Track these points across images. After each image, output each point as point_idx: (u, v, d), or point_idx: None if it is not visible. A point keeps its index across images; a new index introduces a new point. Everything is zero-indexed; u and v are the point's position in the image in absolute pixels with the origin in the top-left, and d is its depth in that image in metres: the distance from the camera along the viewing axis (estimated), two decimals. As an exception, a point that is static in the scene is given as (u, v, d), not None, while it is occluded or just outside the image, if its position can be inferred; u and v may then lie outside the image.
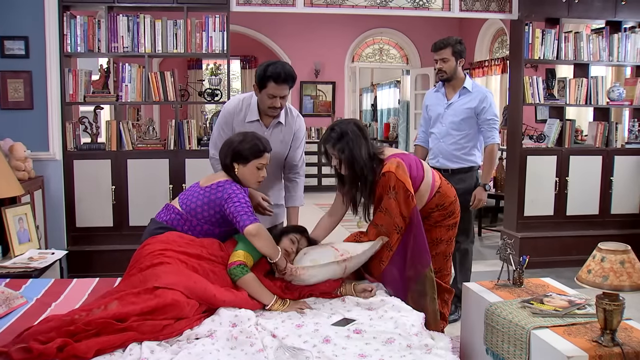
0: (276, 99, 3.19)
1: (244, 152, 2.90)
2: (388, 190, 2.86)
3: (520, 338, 2.55)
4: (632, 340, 2.37)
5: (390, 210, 2.88)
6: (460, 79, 4.06)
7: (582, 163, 5.47)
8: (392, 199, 2.86)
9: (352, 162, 2.89)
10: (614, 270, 2.26)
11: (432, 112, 4.14)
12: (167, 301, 2.37)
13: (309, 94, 10.72)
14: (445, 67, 3.99)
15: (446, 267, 3.25)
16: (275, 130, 3.38)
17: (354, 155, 2.87)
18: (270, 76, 3.13)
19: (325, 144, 2.96)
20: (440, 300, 3.09)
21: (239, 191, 2.83)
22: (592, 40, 5.40)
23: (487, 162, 4.05)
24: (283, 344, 2.28)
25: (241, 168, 2.92)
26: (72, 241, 4.85)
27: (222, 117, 3.40)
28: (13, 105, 4.61)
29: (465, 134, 4.02)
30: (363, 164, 2.89)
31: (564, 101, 5.41)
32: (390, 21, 10.32)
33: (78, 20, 4.69)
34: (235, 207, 2.76)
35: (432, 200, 3.08)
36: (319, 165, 10.35)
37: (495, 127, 4.01)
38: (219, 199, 2.81)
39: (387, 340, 2.34)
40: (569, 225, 5.48)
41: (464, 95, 4.04)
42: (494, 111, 4.01)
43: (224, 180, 2.87)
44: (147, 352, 2.19)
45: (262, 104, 3.26)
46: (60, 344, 2.13)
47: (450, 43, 3.95)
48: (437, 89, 4.20)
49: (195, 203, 2.86)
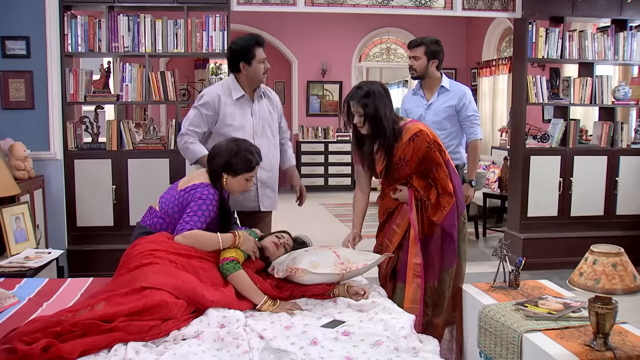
0: (266, 61, 3.51)
1: (236, 167, 2.93)
2: (428, 145, 2.99)
3: (512, 341, 2.52)
4: (625, 345, 2.33)
5: (438, 161, 3.01)
6: (436, 78, 4.08)
7: (586, 163, 5.40)
8: (435, 151, 3.01)
9: (375, 119, 2.94)
10: (606, 273, 2.22)
11: (412, 115, 4.11)
12: (155, 301, 2.36)
13: (316, 94, 10.70)
14: (415, 65, 4.02)
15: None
16: (261, 101, 3.64)
17: (379, 112, 2.93)
18: (255, 43, 3.47)
19: (351, 100, 2.99)
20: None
21: (207, 198, 2.83)
22: (597, 39, 5.33)
23: (471, 159, 4.07)
24: (268, 345, 2.25)
25: (230, 179, 2.95)
26: (73, 240, 4.86)
27: (204, 100, 3.55)
28: (14, 105, 4.63)
29: (449, 133, 4.03)
30: (387, 122, 2.95)
31: (568, 101, 5.34)
32: (397, 20, 10.28)
33: (79, 20, 4.70)
34: (189, 215, 2.80)
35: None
36: (325, 165, 10.34)
37: (477, 123, 4.04)
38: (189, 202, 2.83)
39: (375, 342, 2.32)
40: (573, 226, 5.41)
41: (443, 95, 4.06)
42: (474, 107, 4.05)
43: (198, 184, 2.88)
44: (132, 353, 2.18)
45: (257, 73, 3.52)
46: (45, 345, 2.12)
47: (424, 42, 3.99)
48: (414, 91, 4.22)
49: (173, 209, 2.89)
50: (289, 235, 3.14)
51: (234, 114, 3.56)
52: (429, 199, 3.01)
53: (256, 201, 3.65)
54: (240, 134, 3.52)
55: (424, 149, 2.99)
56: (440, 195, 3.01)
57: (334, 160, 10.39)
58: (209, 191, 2.85)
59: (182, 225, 2.78)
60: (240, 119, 3.57)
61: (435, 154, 3.01)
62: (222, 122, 3.55)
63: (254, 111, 3.61)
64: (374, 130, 2.97)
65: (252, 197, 3.64)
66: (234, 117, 3.56)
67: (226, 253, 2.79)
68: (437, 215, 3.00)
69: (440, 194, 3.01)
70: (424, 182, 3.05)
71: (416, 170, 3.04)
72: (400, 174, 3.06)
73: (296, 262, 2.81)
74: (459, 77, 10.43)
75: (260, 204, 3.67)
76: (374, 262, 2.93)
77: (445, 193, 3.01)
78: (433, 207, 3.00)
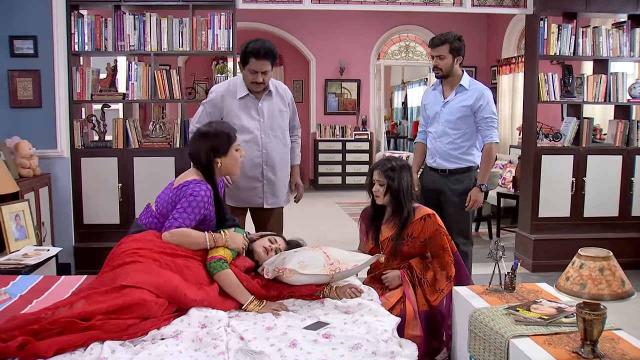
0: (257, 74, 3.45)
1: (220, 145, 2.91)
2: (438, 227, 3.13)
3: (499, 347, 2.45)
4: (615, 353, 2.23)
5: (444, 246, 3.12)
6: (458, 76, 3.93)
7: (600, 163, 5.24)
8: (444, 236, 3.13)
9: (398, 192, 3.10)
10: (592, 278, 2.14)
11: (429, 111, 4.03)
12: (134, 300, 2.36)
13: (334, 92, 10.65)
14: (441, 64, 3.87)
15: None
16: (268, 100, 3.61)
17: (402, 186, 3.09)
18: (251, 52, 3.41)
19: (376, 169, 3.16)
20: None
21: (198, 195, 2.80)
22: (612, 35, 5.17)
23: (484, 162, 3.90)
24: (242, 347, 2.23)
25: (223, 160, 2.93)
26: (80, 238, 4.90)
27: (209, 97, 3.63)
28: (22, 103, 4.68)
29: (462, 133, 3.89)
30: (407, 197, 3.12)
31: (581, 98, 5.19)
32: (416, 18, 10.17)
33: (85, 19, 4.73)
34: (178, 211, 2.78)
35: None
36: (343, 163, 10.28)
37: (494, 126, 3.86)
38: (180, 198, 2.80)
39: (354, 345, 2.28)
40: (586, 227, 5.26)
41: (460, 93, 3.91)
42: (491, 109, 3.87)
43: (191, 180, 2.85)
44: (107, 352, 2.17)
45: (246, 79, 3.53)
46: (21, 343, 2.13)
47: (448, 40, 3.83)
48: (434, 86, 4.07)
49: (167, 208, 2.86)
50: (283, 239, 3.10)
51: (238, 113, 3.56)
52: (425, 277, 3.10)
53: (261, 198, 3.65)
54: (245, 134, 3.51)
55: (433, 230, 3.12)
56: (437, 280, 3.08)
57: (352, 159, 10.33)
58: (201, 187, 2.82)
59: (171, 222, 2.77)
60: (244, 119, 3.56)
61: (444, 238, 3.13)
62: (227, 121, 3.52)
63: (260, 110, 3.59)
64: (394, 203, 3.13)
65: (259, 194, 3.64)
66: (239, 116, 3.55)
67: (213, 252, 2.78)
68: (434, 296, 3.06)
69: (437, 279, 3.09)
70: (422, 265, 3.14)
71: (418, 250, 3.15)
72: (402, 249, 3.14)
73: (285, 263, 2.78)
74: (479, 75, 10.29)
75: (265, 201, 3.67)
76: (365, 263, 2.89)
77: (447, 277, 3.09)
78: (430, 285, 3.08)
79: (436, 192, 3.97)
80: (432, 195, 3.99)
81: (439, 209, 3.98)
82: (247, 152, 3.52)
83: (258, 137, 3.57)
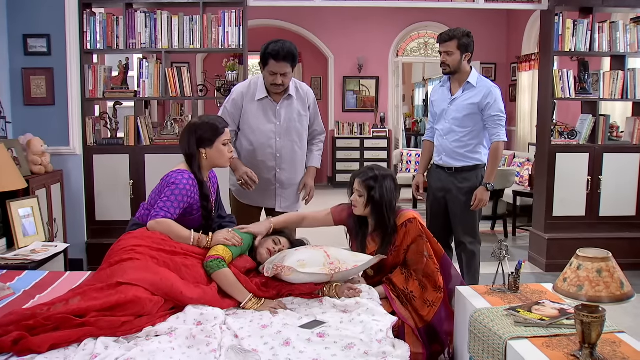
0: (277, 76, 3.36)
1: (205, 135, 2.92)
2: (420, 234, 2.94)
3: (497, 348, 2.40)
4: (616, 356, 2.18)
5: (428, 253, 2.93)
6: (466, 72, 3.85)
7: (617, 161, 5.12)
8: (426, 242, 2.94)
9: (379, 205, 2.91)
10: (590, 280, 2.08)
11: (437, 108, 3.97)
12: (129, 297, 2.37)
13: (352, 89, 10.60)
14: (449, 60, 3.80)
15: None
16: (287, 104, 3.53)
17: (384, 198, 2.91)
18: (270, 54, 3.32)
19: (357, 177, 2.97)
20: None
21: (179, 183, 2.82)
22: (630, 31, 5.04)
23: (491, 161, 3.82)
24: (233, 345, 2.22)
25: (208, 152, 2.94)
26: (92, 234, 4.96)
27: (230, 96, 3.58)
28: (36, 101, 4.74)
29: (469, 131, 3.82)
30: (389, 209, 2.93)
31: (597, 95, 5.08)
32: (435, 14, 10.05)
33: (97, 17, 4.78)
34: (162, 200, 2.80)
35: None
36: (361, 161, 10.24)
37: (501, 124, 3.78)
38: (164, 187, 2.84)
39: (347, 345, 2.26)
40: (602, 226, 5.15)
41: (468, 90, 3.84)
42: (499, 107, 3.78)
43: (174, 170, 2.89)
44: (100, 348, 2.18)
45: (265, 81, 3.45)
46: (15, 337, 2.16)
47: (456, 35, 3.75)
48: (442, 83, 4.02)
49: (154, 199, 2.88)
50: (287, 240, 3.08)
51: (256, 115, 3.52)
52: (410, 290, 2.91)
53: (274, 200, 3.63)
54: (261, 136, 3.50)
55: (415, 236, 2.94)
56: (425, 290, 2.90)
57: (370, 156, 10.27)
58: (183, 176, 2.85)
59: (156, 212, 2.80)
60: (261, 121, 3.52)
61: (427, 244, 2.94)
62: (244, 121, 3.54)
63: (278, 114, 3.53)
64: (375, 216, 2.96)
65: (272, 197, 3.63)
66: (257, 119, 3.52)
67: (212, 251, 2.79)
68: (426, 311, 2.88)
69: (424, 288, 2.91)
70: (403, 277, 2.96)
71: (402, 259, 2.98)
72: (387, 261, 2.98)
73: (284, 261, 2.77)
74: (498, 72, 10.15)
75: (277, 204, 3.64)
76: (365, 263, 2.86)
77: (434, 287, 2.90)
78: (417, 299, 2.89)
79: (442, 190, 3.92)
80: (439, 194, 3.94)
81: (445, 208, 3.94)
82: (261, 155, 3.53)
83: (273, 141, 3.53)
